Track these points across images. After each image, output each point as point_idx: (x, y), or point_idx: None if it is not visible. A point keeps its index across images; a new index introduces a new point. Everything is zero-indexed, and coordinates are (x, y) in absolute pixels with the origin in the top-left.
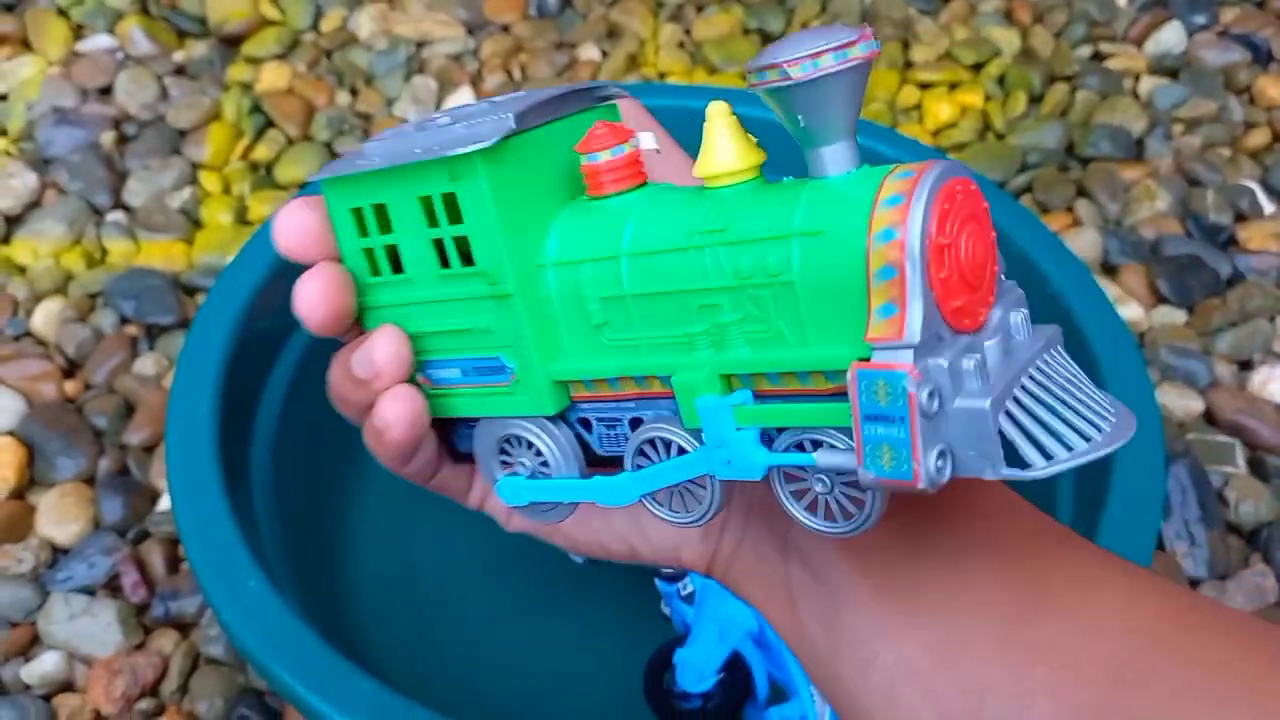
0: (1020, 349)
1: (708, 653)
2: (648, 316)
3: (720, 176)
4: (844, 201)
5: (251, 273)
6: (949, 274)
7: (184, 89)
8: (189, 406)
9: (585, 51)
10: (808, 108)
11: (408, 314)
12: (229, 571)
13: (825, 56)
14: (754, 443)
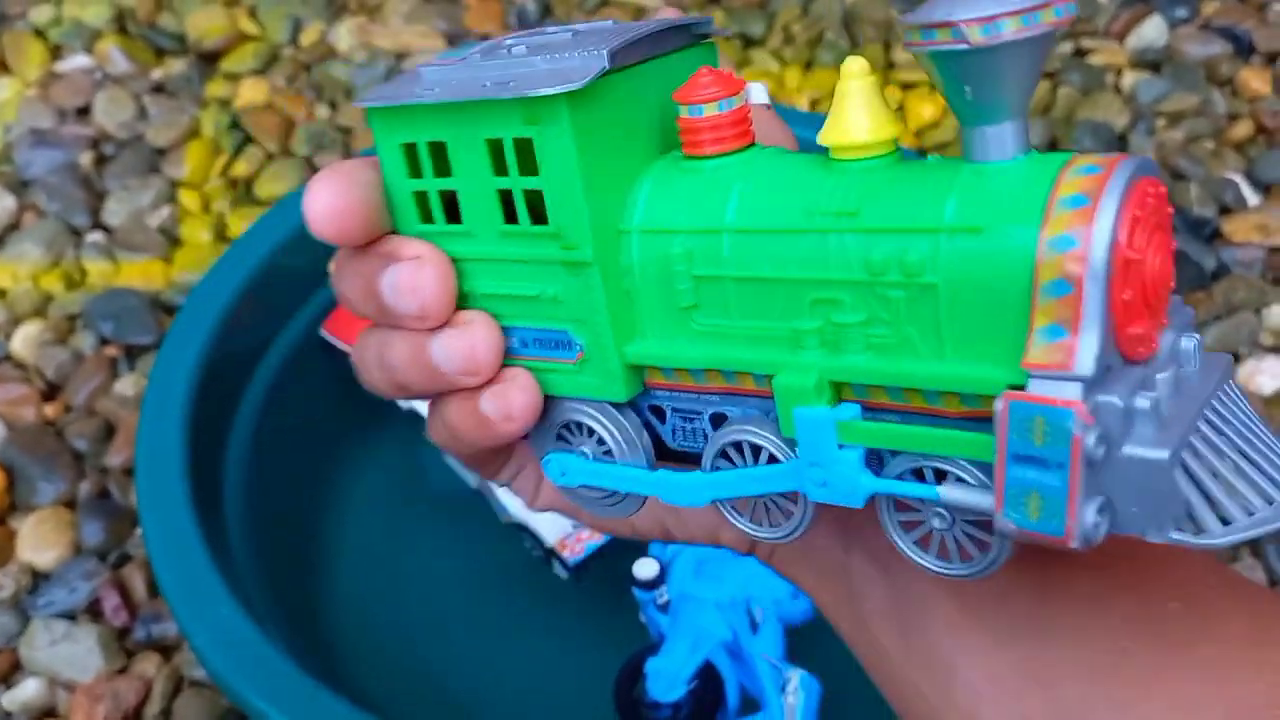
0: (1193, 383)
1: (680, 662)
2: (749, 304)
3: (852, 148)
4: (1011, 195)
5: (223, 291)
6: (1134, 295)
7: (162, 107)
8: (159, 429)
9: None
10: (979, 77)
11: (463, 271)
12: (200, 596)
13: (1008, 20)
14: (858, 465)
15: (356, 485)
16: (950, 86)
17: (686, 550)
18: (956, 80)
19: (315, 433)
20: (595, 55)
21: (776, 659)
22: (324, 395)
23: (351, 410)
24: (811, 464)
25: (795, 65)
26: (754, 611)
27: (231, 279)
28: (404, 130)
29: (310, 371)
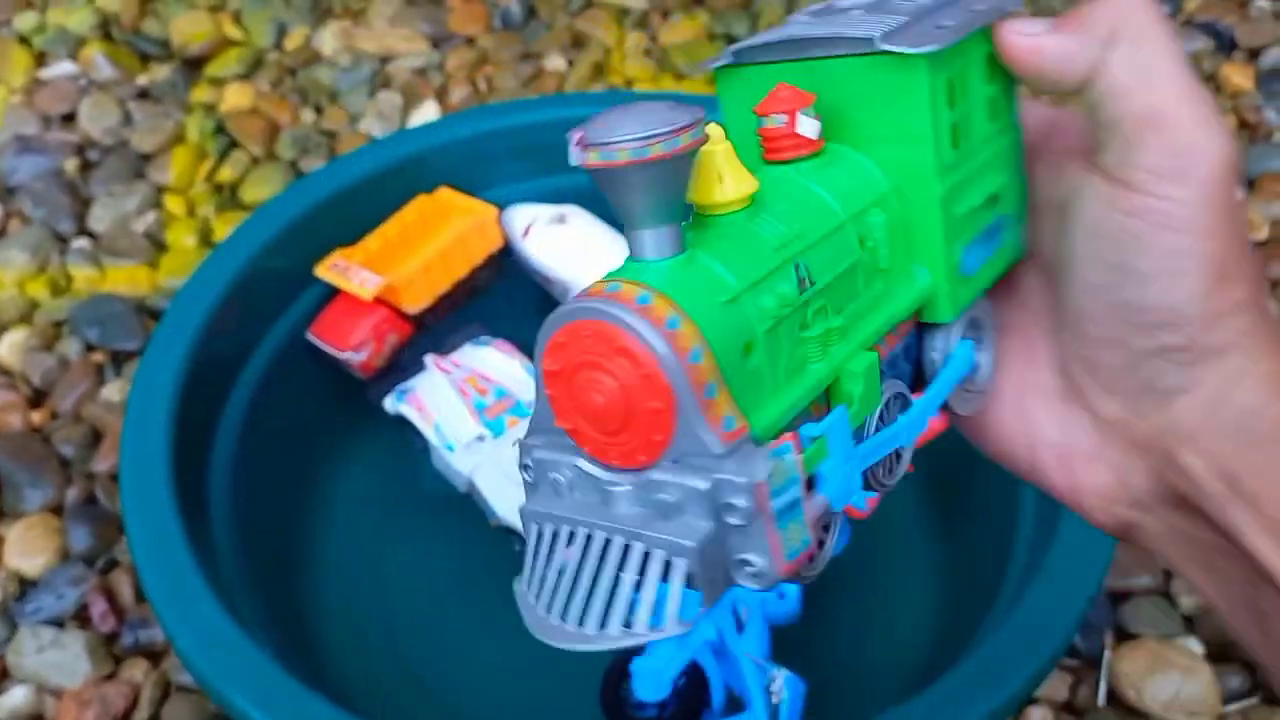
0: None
1: (665, 661)
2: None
3: (716, 205)
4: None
5: (206, 295)
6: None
7: (147, 113)
8: (143, 434)
9: (551, 61)
10: (625, 190)
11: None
12: (184, 599)
13: (655, 144)
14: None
15: (343, 488)
16: (610, 196)
17: None
18: (612, 192)
19: (301, 436)
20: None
21: (761, 658)
22: (310, 399)
23: (338, 413)
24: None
25: None
26: (739, 610)
27: (215, 283)
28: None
29: (296, 375)
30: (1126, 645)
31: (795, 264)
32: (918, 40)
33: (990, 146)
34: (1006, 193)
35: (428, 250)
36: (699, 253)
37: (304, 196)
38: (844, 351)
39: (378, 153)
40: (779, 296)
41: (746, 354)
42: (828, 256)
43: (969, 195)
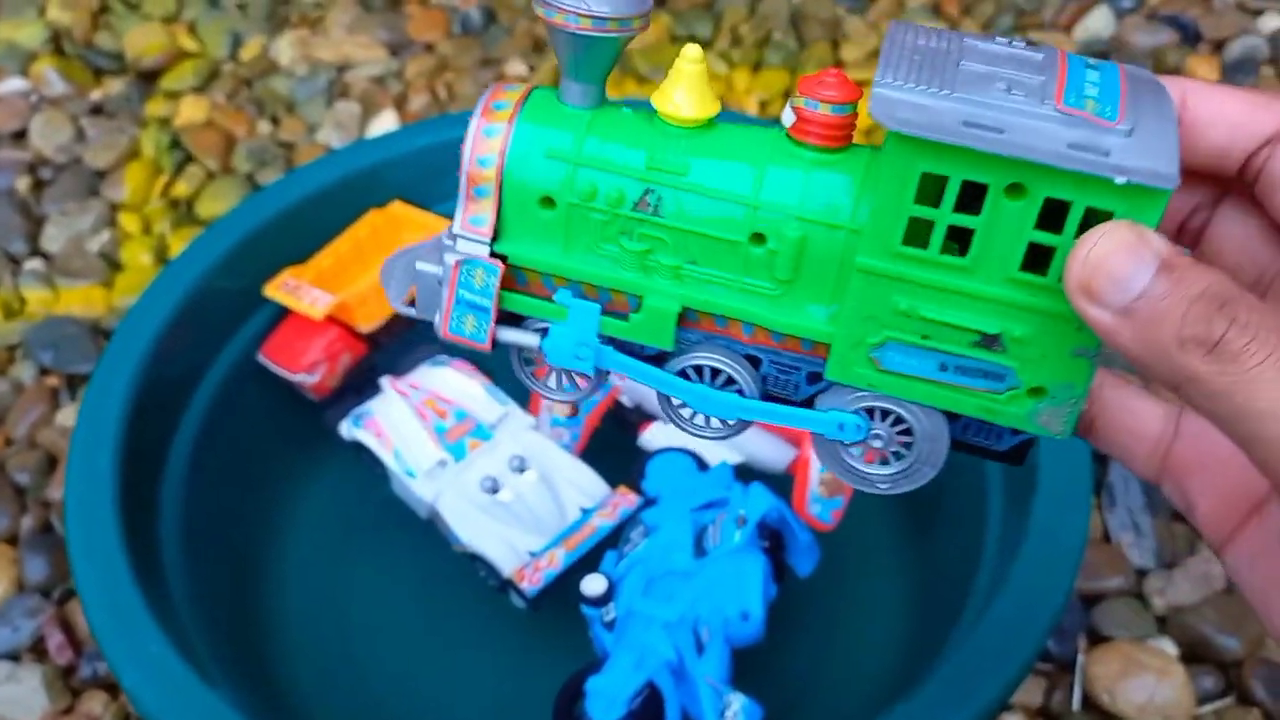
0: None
1: (621, 682)
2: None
3: (676, 119)
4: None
5: (156, 315)
6: None
7: (101, 128)
8: (90, 460)
9: (512, 67)
10: (556, 44)
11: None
12: (131, 634)
13: (586, 20)
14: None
15: (300, 514)
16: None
17: (637, 567)
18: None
19: (255, 461)
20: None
21: (719, 682)
22: (263, 422)
23: (293, 438)
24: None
25: (743, 67)
26: (700, 632)
27: (164, 303)
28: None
29: (248, 397)
30: (1100, 648)
31: (649, 188)
32: (903, 114)
33: (1016, 291)
34: (1025, 351)
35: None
36: (591, 119)
37: (256, 212)
38: (660, 285)
39: (330, 167)
40: (600, 193)
41: (543, 205)
42: (695, 212)
43: (933, 305)
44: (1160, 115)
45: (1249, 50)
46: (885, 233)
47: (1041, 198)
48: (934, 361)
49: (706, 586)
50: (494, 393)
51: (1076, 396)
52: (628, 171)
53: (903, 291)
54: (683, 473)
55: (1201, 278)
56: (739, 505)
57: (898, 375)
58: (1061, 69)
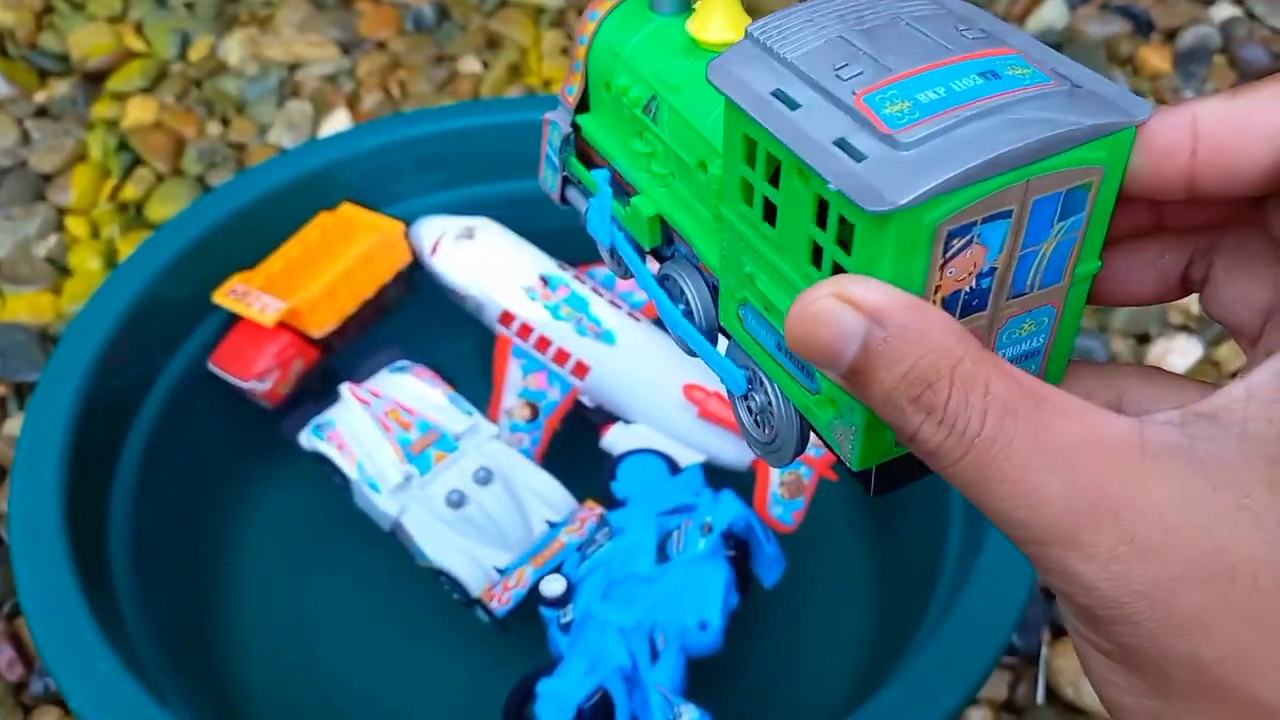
0: None
1: (573, 685)
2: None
3: (712, 45)
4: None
5: (103, 322)
6: None
7: (46, 131)
8: (34, 471)
9: (466, 64)
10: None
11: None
12: (78, 653)
13: None
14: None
15: (255, 526)
16: None
17: (598, 570)
18: None
19: (208, 471)
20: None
21: (671, 691)
22: (216, 431)
23: (247, 447)
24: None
25: None
26: (657, 639)
27: (111, 310)
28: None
29: (200, 406)
30: (1063, 641)
31: (653, 95)
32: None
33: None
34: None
35: (332, 270)
36: (656, 28)
37: (204, 216)
38: (651, 190)
39: (280, 168)
40: (629, 92)
41: (606, 90)
42: (673, 128)
43: (763, 277)
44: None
45: (1201, 39)
46: (731, 185)
47: (814, 192)
48: (773, 339)
49: (667, 593)
50: (457, 402)
51: (857, 425)
52: (645, 77)
53: (747, 253)
54: (654, 476)
55: (910, 349)
56: (706, 512)
57: (752, 340)
58: (944, 63)
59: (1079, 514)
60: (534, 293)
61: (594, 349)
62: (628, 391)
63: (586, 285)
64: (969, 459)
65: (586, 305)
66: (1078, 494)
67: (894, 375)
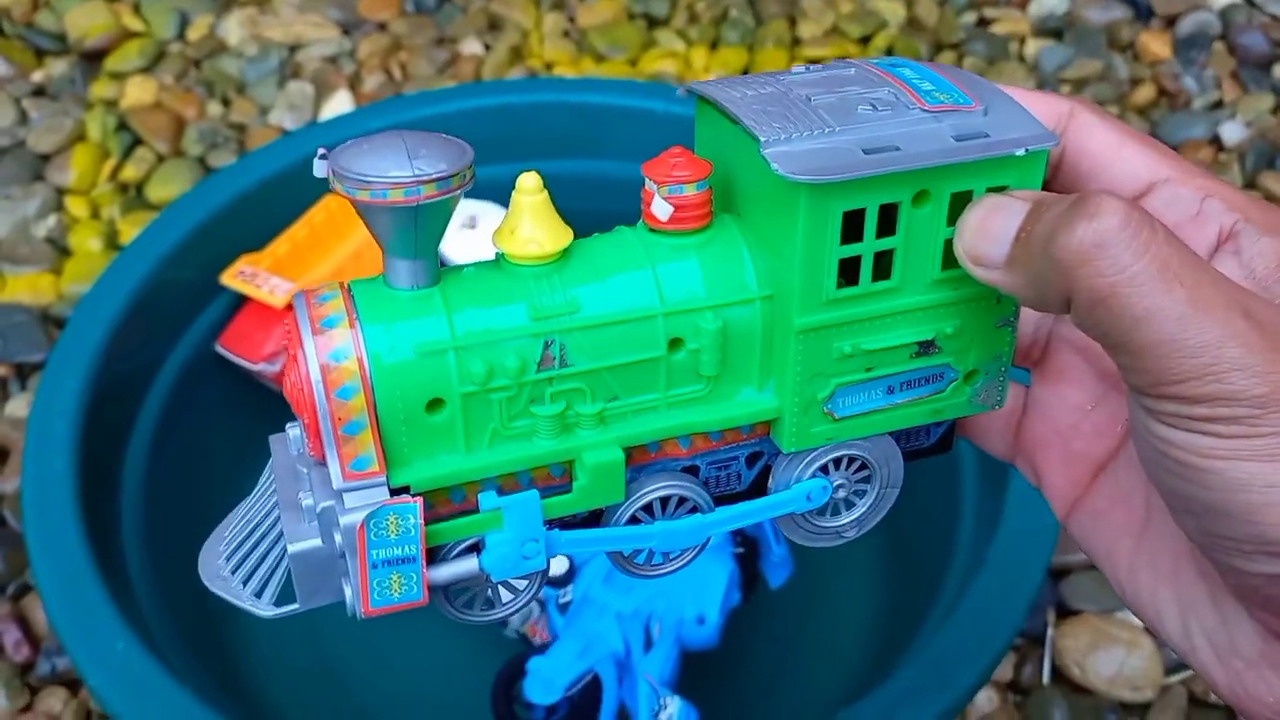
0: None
1: (564, 666)
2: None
3: (527, 257)
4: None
5: (111, 303)
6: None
7: (44, 111)
8: (46, 452)
9: (467, 46)
10: (367, 219)
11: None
12: (95, 632)
13: (397, 190)
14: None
15: None
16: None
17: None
18: (372, 224)
19: (216, 452)
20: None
21: (660, 681)
22: (224, 412)
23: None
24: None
25: (701, 45)
26: (653, 629)
27: (120, 290)
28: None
29: (208, 388)
30: (1068, 622)
31: (548, 340)
32: (811, 164)
33: (940, 292)
34: (957, 343)
35: (339, 252)
36: (443, 297)
37: (210, 198)
38: (591, 439)
39: (284, 151)
40: (500, 368)
41: (431, 409)
42: (605, 344)
43: (871, 336)
44: (992, 90)
45: (1201, 25)
46: (817, 285)
47: (947, 196)
48: (881, 388)
49: (668, 584)
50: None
51: (1004, 365)
52: (517, 333)
53: (843, 335)
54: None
55: (1061, 198)
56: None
57: (852, 418)
58: (885, 74)
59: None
60: None
61: None
62: None
63: None
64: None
65: None
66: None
67: (1051, 222)
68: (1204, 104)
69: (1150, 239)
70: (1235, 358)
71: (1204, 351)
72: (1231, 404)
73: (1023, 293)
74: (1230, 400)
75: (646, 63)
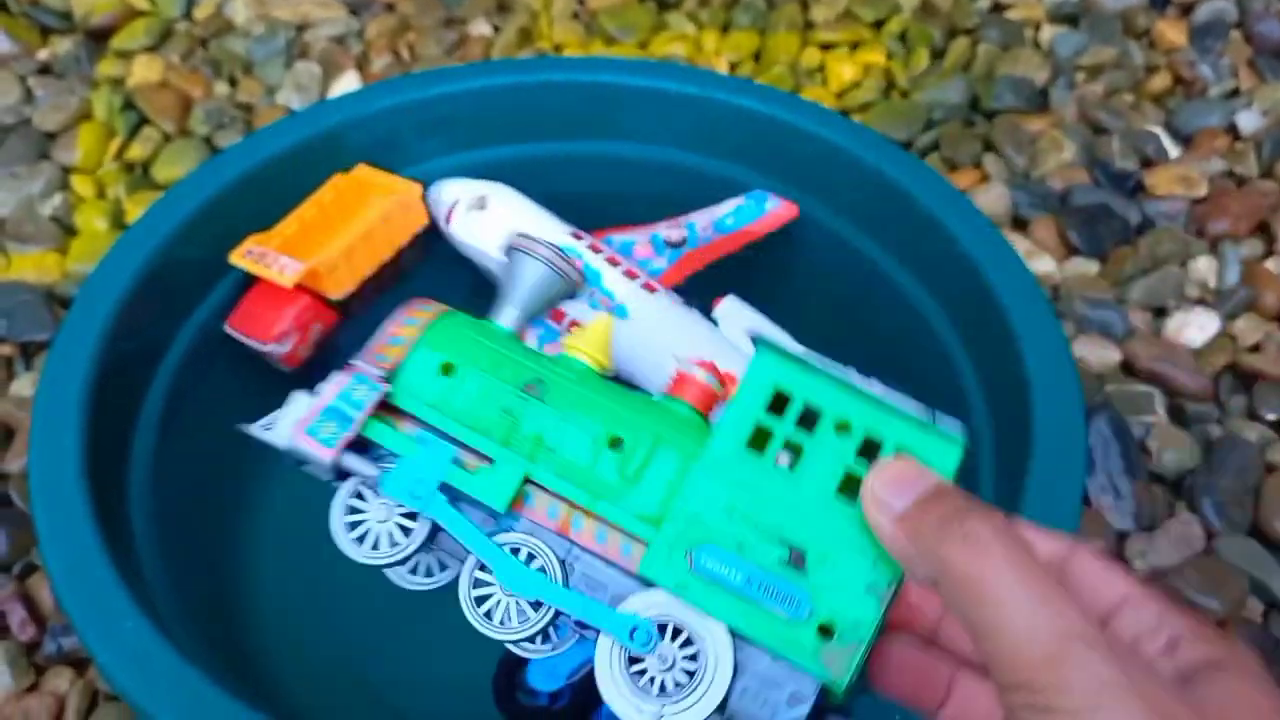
0: None
1: (567, 654)
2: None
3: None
4: None
5: (118, 282)
6: None
7: (50, 89)
8: (53, 436)
9: (476, 27)
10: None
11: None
12: (104, 611)
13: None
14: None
15: (276, 486)
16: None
17: None
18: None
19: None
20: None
21: None
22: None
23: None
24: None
25: (712, 28)
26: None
27: (126, 269)
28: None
29: (216, 369)
30: None
31: (539, 377)
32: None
33: (828, 512)
34: (823, 577)
35: (349, 232)
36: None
37: (216, 177)
38: (516, 457)
39: (292, 128)
40: (498, 368)
41: (441, 370)
42: (570, 408)
43: (754, 509)
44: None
45: (1217, 13)
46: (733, 432)
47: (863, 433)
48: (743, 574)
49: None
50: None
51: (861, 639)
52: (522, 361)
53: (731, 490)
54: None
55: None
56: None
57: (706, 581)
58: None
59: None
60: None
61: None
62: (639, 366)
63: (601, 255)
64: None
65: (600, 278)
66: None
67: (947, 506)
68: (1220, 92)
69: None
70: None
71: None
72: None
73: (900, 552)
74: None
75: (657, 45)
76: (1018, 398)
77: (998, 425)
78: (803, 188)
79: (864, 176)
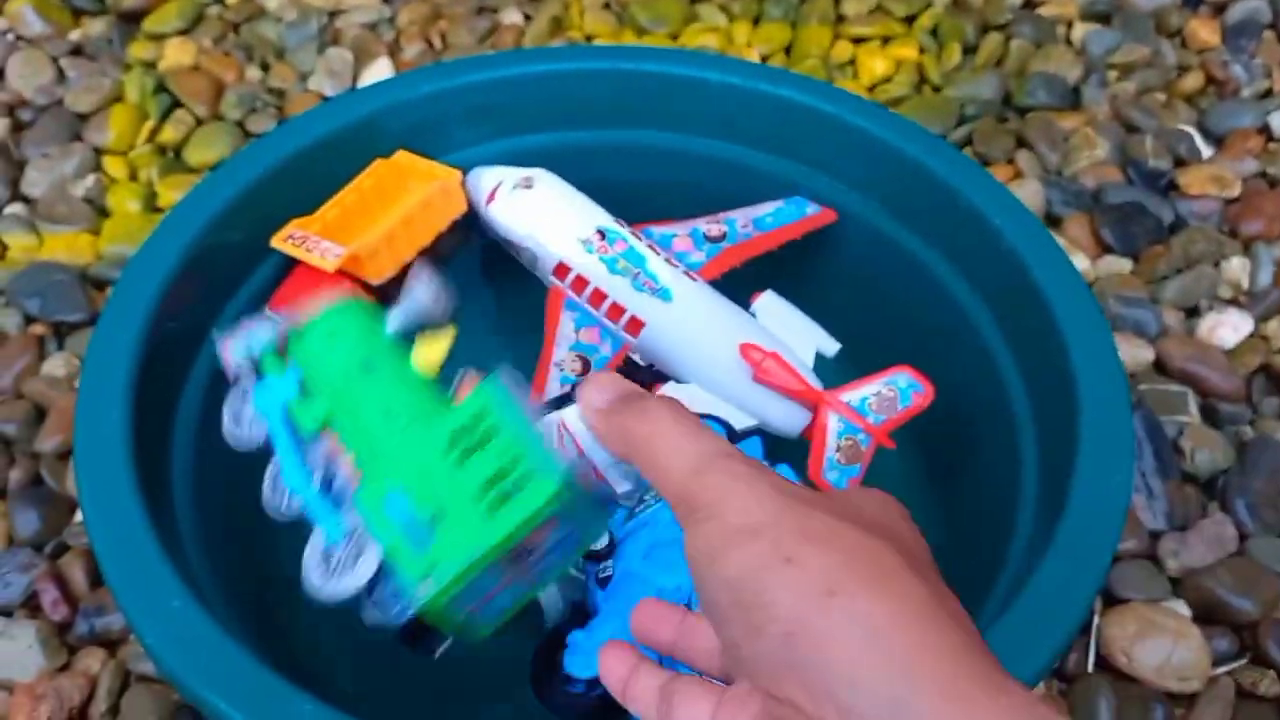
0: None
1: (603, 640)
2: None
3: None
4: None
5: (161, 263)
6: None
7: (82, 70)
8: (98, 415)
9: (508, 16)
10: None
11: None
12: (150, 591)
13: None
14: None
15: None
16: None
17: (644, 530)
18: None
19: None
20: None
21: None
22: None
23: None
24: None
25: (743, 20)
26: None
27: (170, 252)
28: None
29: None
30: (1114, 610)
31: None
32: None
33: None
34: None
35: (390, 218)
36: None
37: (256, 162)
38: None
39: (331, 114)
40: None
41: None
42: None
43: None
44: None
45: (1250, 13)
46: (436, 437)
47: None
48: (404, 517)
49: None
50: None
51: (441, 584)
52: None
53: (425, 460)
54: None
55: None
56: None
57: (384, 514)
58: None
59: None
60: (590, 245)
61: (650, 305)
62: (682, 350)
63: (643, 242)
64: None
65: (644, 261)
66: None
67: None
68: (1253, 93)
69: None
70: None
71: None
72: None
73: (602, 432)
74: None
75: (688, 37)
76: (1063, 393)
77: (1040, 420)
78: (843, 180)
79: (906, 169)
